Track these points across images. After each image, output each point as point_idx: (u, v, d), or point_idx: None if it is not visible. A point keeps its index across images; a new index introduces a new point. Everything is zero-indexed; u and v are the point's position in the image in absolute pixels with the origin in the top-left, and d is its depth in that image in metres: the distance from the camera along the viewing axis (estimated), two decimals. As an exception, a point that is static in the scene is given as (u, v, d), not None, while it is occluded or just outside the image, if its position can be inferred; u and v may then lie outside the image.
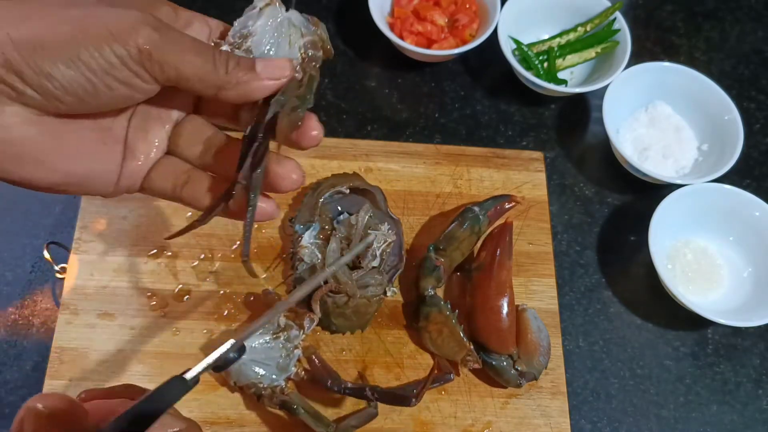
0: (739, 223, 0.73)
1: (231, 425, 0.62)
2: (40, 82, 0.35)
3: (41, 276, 0.70)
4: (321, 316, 0.62)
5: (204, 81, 0.39)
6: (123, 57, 0.36)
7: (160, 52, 0.37)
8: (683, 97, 0.80)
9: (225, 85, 0.40)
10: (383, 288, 0.63)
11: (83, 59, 0.35)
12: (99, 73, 0.36)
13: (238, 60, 0.41)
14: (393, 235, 0.64)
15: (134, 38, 0.36)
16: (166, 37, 0.38)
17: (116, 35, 0.35)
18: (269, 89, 0.42)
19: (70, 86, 0.36)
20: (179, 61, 0.38)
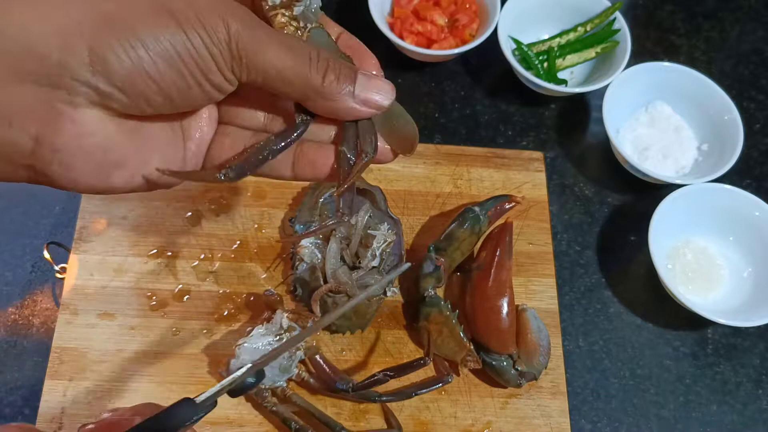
0: (739, 223, 0.73)
1: (231, 425, 0.62)
2: (133, 82, 0.32)
3: (41, 276, 0.70)
4: (321, 316, 0.62)
5: (293, 84, 0.36)
6: (214, 53, 0.34)
7: (250, 50, 0.34)
8: (683, 97, 0.80)
9: (316, 96, 0.37)
10: (383, 288, 0.63)
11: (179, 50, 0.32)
12: (194, 69, 0.33)
13: (339, 69, 0.37)
14: (393, 235, 0.64)
15: (223, 30, 0.33)
16: (255, 31, 0.35)
17: (208, 24, 0.33)
18: (362, 116, 0.39)
19: (165, 85, 0.33)
20: (270, 56, 0.35)
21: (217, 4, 0.34)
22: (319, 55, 0.37)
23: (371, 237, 0.63)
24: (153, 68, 0.32)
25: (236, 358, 0.59)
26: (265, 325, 0.61)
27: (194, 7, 0.33)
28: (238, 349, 0.59)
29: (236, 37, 0.34)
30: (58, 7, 0.31)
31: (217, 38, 0.33)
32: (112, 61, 0.31)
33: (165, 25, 0.32)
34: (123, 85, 0.32)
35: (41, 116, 0.32)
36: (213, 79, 0.34)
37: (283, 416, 0.60)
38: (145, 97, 0.33)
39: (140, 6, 0.32)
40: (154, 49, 0.32)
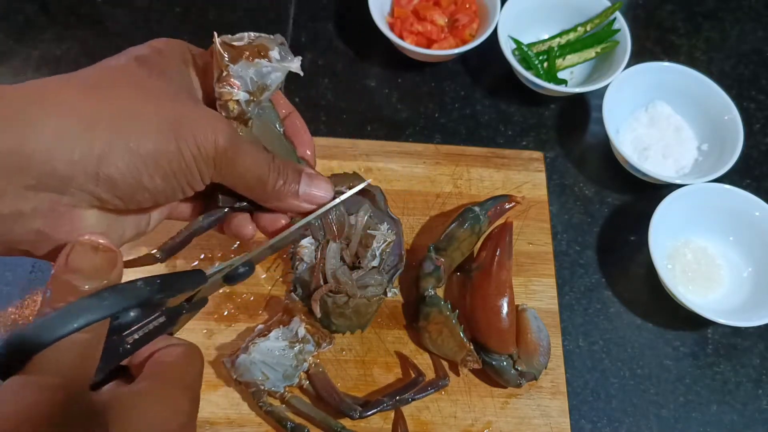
0: (739, 223, 0.73)
1: (231, 425, 0.62)
2: (130, 194, 0.38)
3: (41, 276, 0.70)
4: (321, 316, 0.62)
5: (253, 189, 0.44)
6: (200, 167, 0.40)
7: (229, 164, 0.41)
8: (683, 97, 0.80)
9: (269, 198, 0.45)
10: (383, 288, 0.63)
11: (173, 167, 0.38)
12: (180, 179, 0.40)
13: (287, 173, 0.45)
14: (393, 235, 0.64)
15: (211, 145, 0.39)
16: (236, 147, 0.41)
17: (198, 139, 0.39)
18: (305, 210, 0.48)
19: (155, 195, 0.39)
20: (241, 169, 0.42)
21: (209, 121, 0.40)
22: (275, 163, 0.44)
23: (371, 237, 0.63)
24: (149, 181, 0.38)
25: (248, 354, 0.59)
26: (282, 329, 0.61)
27: (190, 123, 0.39)
28: (253, 346, 0.59)
29: (222, 153, 0.40)
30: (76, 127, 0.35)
31: (206, 154, 0.39)
32: (117, 178, 0.37)
33: (165, 141, 0.38)
34: (121, 194, 0.38)
35: (44, 215, 0.36)
36: (194, 185, 0.41)
37: (278, 416, 0.60)
38: (137, 201, 0.39)
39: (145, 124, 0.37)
40: (153, 164, 0.38)
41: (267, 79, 0.45)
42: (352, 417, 0.59)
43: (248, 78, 0.44)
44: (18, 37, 0.84)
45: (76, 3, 0.87)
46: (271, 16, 0.88)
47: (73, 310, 0.31)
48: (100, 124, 0.36)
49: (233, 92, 0.44)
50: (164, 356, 0.38)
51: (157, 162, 0.38)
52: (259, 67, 0.44)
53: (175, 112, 0.39)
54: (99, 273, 0.33)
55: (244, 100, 0.44)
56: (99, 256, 0.33)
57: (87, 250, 0.33)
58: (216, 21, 0.86)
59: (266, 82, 0.45)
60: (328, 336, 0.64)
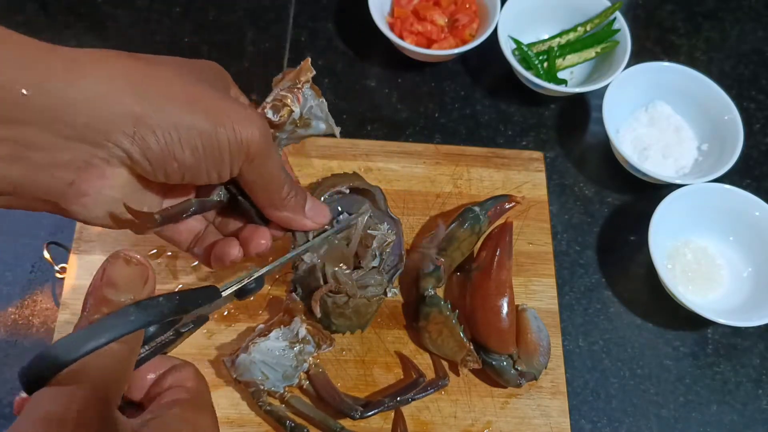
0: (739, 223, 0.73)
1: (231, 425, 0.62)
2: (160, 159, 0.40)
3: (41, 276, 0.70)
4: (321, 316, 0.62)
5: (266, 193, 0.46)
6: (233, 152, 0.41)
7: (260, 158, 0.43)
8: (683, 97, 0.80)
9: (276, 207, 0.48)
10: (383, 288, 0.63)
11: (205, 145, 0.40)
12: (211, 162, 0.41)
13: (296, 191, 0.49)
14: (393, 235, 0.64)
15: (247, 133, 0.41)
16: (268, 144, 0.43)
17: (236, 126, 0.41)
18: (307, 228, 0.52)
19: (184, 168, 0.41)
20: (270, 166, 0.44)
21: (246, 110, 0.42)
22: (290, 178, 0.48)
23: (371, 237, 0.63)
24: (180, 153, 0.40)
25: (248, 354, 0.59)
26: (282, 329, 0.61)
27: (229, 111, 0.41)
28: (253, 346, 0.59)
29: (257, 145, 0.42)
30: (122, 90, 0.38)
31: (240, 139, 0.41)
32: (150, 141, 0.39)
33: (202, 119, 0.40)
34: (151, 158, 0.39)
35: (79, 167, 0.39)
36: (222, 172, 0.43)
37: (277, 415, 0.60)
38: (164, 170, 0.41)
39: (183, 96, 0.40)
40: (187, 139, 0.40)
41: (314, 122, 0.50)
42: (353, 417, 0.59)
43: (308, 105, 0.49)
44: (18, 37, 0.84)
45: (76, 3, 0.87)
46: (271, 16, 0.88)
47: (101, 325, 0.32)
48: (145, 90, 0.38)
49: (294, 103, 0.48)
50: (184, 380, 0.38)
51: (190, 135, 0.39)
52: (319, 105, 0.49)
53: (218, 101, 0.41)
54: (132, 286, 0.34)
55: (295, 117, 0.48)
56: (132, 270, 0.34)
57: (121, 263, 0.34)
58: (216, 21, 0.86)
59: (312, 122, 0.50)
60: (328, 337, 0.64)
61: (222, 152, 0.41)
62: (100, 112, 0.37)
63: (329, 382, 0.62)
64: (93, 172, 0.39)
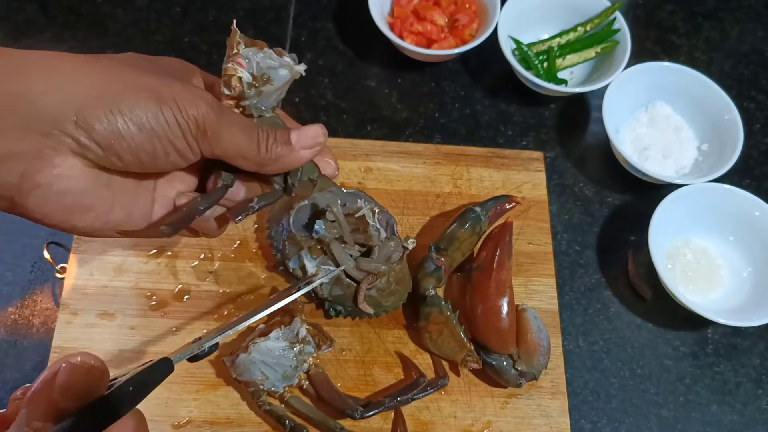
0: (739, 223, 0.73)
1: (231, 425, 0.62)
2: (108, 141, 0.39)
3: (41, 276, 0.70)
4: (374, 309, 0.62)
5: (247, 159, 0.46)
6: (183, 125, 0.41)
7: (213, 128, 0.43)
8: (683, 97, 0.80)
9: (266, 163, 0.47)
10: (401, 245, 0.62)
11: (150, 121, 0.40)
12: (162, 137, 0.41)
13: (275, 135, 0.47)
14: (370, 201, 0.63)
15: (194, 109, 0.42)
16: (220, 114, 0.43)
17: (180, 104, 0.41)
18: (306, 159, 0.49)
19: (134, 146, 0.41)
20: (229, 135, 0.44)
21: (191, 89, 0.43)
22: (264, 131, 0.47)
23: (361, 218, 0.61)
24: (127, 132, 0.40)
25: (247, 353, 0.59)
26: (282, 329, 0.61)
27: (172, 89, 0.41)
28: (252, 346, 0.59)
29: (204, 116, 0.42)
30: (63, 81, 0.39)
31: (187, 114, 0.41)
32: (95, 123, 0.39)
33: (144, 99, 0.40)
34: (99, 140, 0.39)
35: (30, 158, 0.39)
36: (178, 145, 0.42)
37: (277, 415, 0.60)
38: (116, 153, 0.40)
39: (127, 84, 0.40)
40: (130, 117, 0.40)
41: (271, 72, 0.48)
42: (353, 417, 0.59)
43: (255, 62, 0.47)
44: (18, 37, 0.84)
45: (76, 3, 0.87)
46: (271, 16, 0.88)
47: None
48: (88, 79, 0.39)
49: (237, 69, 0.46)
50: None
51: (134, 115, 0.40)
52: (267, 56, 0.47)
53: (164, 85, 0.41)
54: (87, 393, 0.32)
55: (246, 80, 0.47)
56: (89, 377, 0.32)
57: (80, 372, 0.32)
58: (216, 21, 0.86)
59: (270, 74, 0.47)
60: (328, 338, 0.64)
61: (173, 131, 0.41)
62: (44, 101, 0.37)
63: (329, 383, 0.62)
64: (43, 162, 0.39)
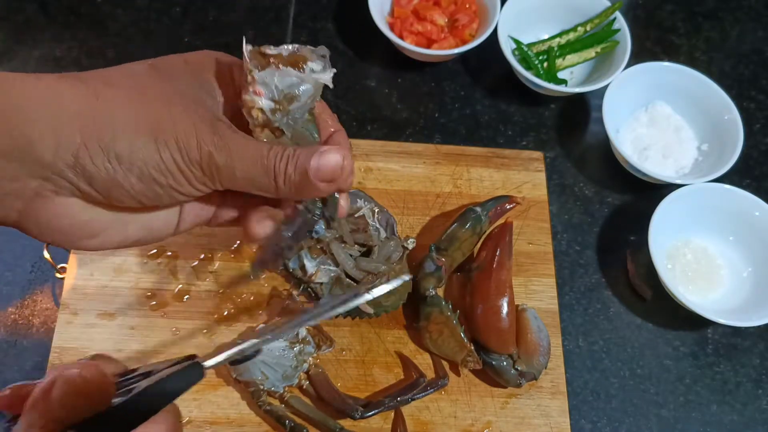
0: (739, 223, 0.73)
1: (231, 425, 0.62)
2: (107, 189, 0.38)
3: (41, 276, 0.70)
4: (374, 309, 0.62)
5: (262, 191, 0.41)
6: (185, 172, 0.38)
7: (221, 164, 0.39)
8: (683, 97, 0.80)
9: (281, 194, 0.42)
10: (400, 245, 0.62)
11: (151, 170, 0.38)
12: (164, 185, 0.38)
13: (295, 162, 0.41)
14: (370, 201, 0.63)
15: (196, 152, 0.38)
16: (229, 146, 0.39)
17: (181, 145, 0.38)
18: (326, 193, 0.43)
19: (135, 194, 0.38)
20: (239, 172, 0.40)
21: (196, 124, 0.38)
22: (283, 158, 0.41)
23: (361, 218, 0.62)
24: (126, 181, 0.38)
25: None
26: None
27: (173, 127, 0.38)
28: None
29: (207, 158, 0.38)
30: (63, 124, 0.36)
31: (189, 158, 0.38)
32: (91, 170, 0.37)
33: (143, 143, 0.37)
34: (98, 188, 0.38)
35: (28, 197, 0.37)
36: (184, 191, 0.39)
37: (277, 414, 0.60)
38: (117, 198, 0.39)
39: (127, 124, 0.37)
40: (129, 166, 0.37)
41: (295, 89, 0.43)
42: (353, 417, 0.59)
43: (273, 86, 0.42)
44: (18, 37, 0.84)
45: (76, 3, 0.87)
46: (271, 16, 0.88)
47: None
48: (88, 120, 0.37)
49: (255, 100, 0.42)
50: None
51: (131, 162, 0.37)
52: (285, 75, 0.42)
53: (160, 115, 0.38)
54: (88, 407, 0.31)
55: (268, 108, 0.42)
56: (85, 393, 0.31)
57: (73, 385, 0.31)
58: (216, 21, 0.86)
59: (294, 92, 0.43)
60: (328, 338, 0.64)
61: (172, 172, 0.38)
62: (43, 145, 0.36)
63: (329, 383, 0.62)
64: (43, 204, 0.38)
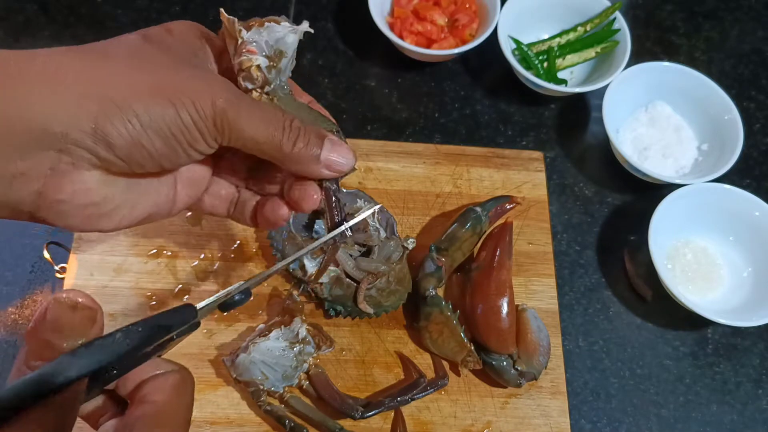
0: (739, 223, 0.73)
1: (231, 425, 0.62)
2: (128, 151, 0.38)
3: (41, 276, 0.70)
4: (374, 309, 0.62)
5: (267, 152, 0.42)
6: (200, 127, 0.39)
7: (233, 120, 0.40)
8: (683, 97, 0.80)
9: (286, 160, 0.43)
10: (400, 245, 0.63)
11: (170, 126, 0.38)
12: (182, 141, 0.39)
13: (309, 136, 0.43)
14: (370, 201, 0.64)
15: (209, 108, 0.39)
16: (239, 105, 0.40)
17: (197, 103, 0.39)
18: (326, 177, 0.45)
19: (155, 153, 0.39)
20: (248, 130, 0.41)
21: (208, 84, 0.40)
22: (292, 125, 0.43)
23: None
24: (147, 141, 0.38)
25: (247, 353, 0.59)
26: (283, 329, 0.61)
27: (186, 88, 0.39)
28: (252, 346, 0.59)
29: (221, 114, 0.39)
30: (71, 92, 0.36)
31: (204, 114, 0.39)
32: (113, 135, 0.37)
33: (160, 105, 0.38)
34: (120, 153, 0.38)
35: (45, 175, 0.37)
36: (198, 147, 0.40)
37: (276, 414, 0.60)
38: (138, 162, 0.39)
39: (140, 88, 0.38)
40: (149, 125, 0.37)
41: (282, 44, 0.45)
42: (353, 417, 0.59)
43: (263, 42, 0.44)
44: (18, 37, 0.84)
45: (76, 3, 0.87)
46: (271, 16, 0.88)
47: (47, 372, 0.30)
48: (98, 87, 0.37)
49: (252, 58, 0.43)
50: (155, 393, 0.36)
51: (153, 124, 0.38)
52: (272, 31, 0.44)
53: (171, 78, 0.39)
54: (77, 331, 0.32)
55: (264, 65, 0.44)
56: (78, 315, 0.32)
57: (65, 308, 0.32)
58: (216, 21, 0.86)
59: (281, 47, 0.45)
60: (328, 339, 0.64)
61: (190, 130, 0.39)
62: (55, 116, 0.35)
63: (329, 383, 0.62)
64: (61, 179, 0.37)
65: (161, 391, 0.36)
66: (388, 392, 0.64)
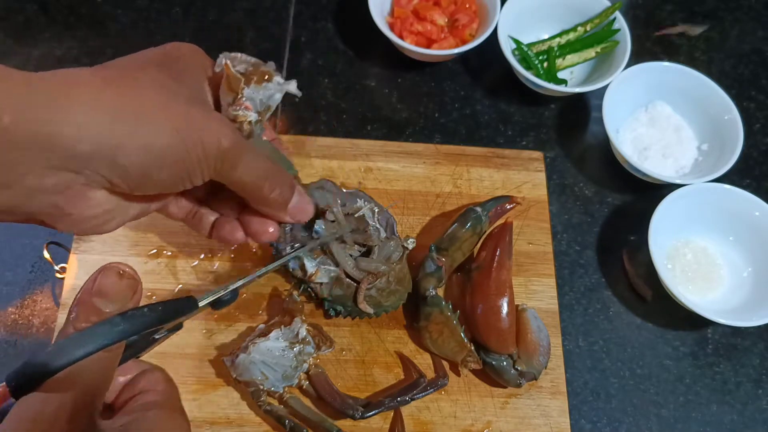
0: (739, 223, 0.73)
1: (231, 425, 0.62)
2: (138, 181, 0.42)
3: (41, 276, 0.70)
4: (374, 309, 0.63)
5: (248, 192, 0.48)
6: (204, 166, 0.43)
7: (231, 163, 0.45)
8: (683, 97, 0.80)
9: (261, 202, 0.50)
10: (400, 245, 0.63)
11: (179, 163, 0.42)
12: (185, 177, 0.44)
13: (283, 187, 0.50)
14: (370, 201, 0.64)
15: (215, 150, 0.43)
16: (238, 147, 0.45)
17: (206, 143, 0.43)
18: (286, 222, 0.53)
19: (160, 183, 0.43)
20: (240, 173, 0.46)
21: (216, 124, 0.44)
22: (276, 175, 0.49)
23: (360, 218, 0.62)
24: (156, 173, 0.42)
25: (247, 353, 0.59)
26: (283, 329, 0.61)
27: (198, 126, 0.42)
28: (252, 346, 0.59)
29: (222, 154, 0.44)
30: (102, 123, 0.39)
31: (209, 153, 0.43)
32: (127, 167, 0.41)
33: (175, 141, 0.41)
34: (130, 181, 0.42)
35: (62, 192, 0.40)
36: (194, 181, 0.45)
37: (277, 414, 0.60)
38: (141, 188, 0.43)
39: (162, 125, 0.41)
40: (162, 161, 0.42)
41: (271, 101, 0.49)
42: (353, 417, 0.59)
43: (258, 100, 0.48)
44: (18, 37, 0.84)
45: (76, 3, 0.87)
46: (271, 16, 0.88)
47: (90, 334, 0.33)
48: (121, 117, 0.40)
49: (248, 114, 0.48)
50: (156, 384, 0.40)
51: (165, 159, 0.42)
52: (266, 89, 0.48)
53: (188, 116, 0.42)
54: (121, 298, 0.35)
55: (254, 120, 0.48)
56: (123, 282, 0.36)
57: (113, 275, 0.36)
58: (216, 21, 0.86)
59: (270, 103, 0.49)
60: (328, 339, 0.64)
61: (193, 167, 0.43)
62: (81, 142, 0.38)
63: (329, 383, 0.62)
64: (75, 196, 0.41)
65: (159, 382, 0.41)
66: (388, 392, 0.64)
